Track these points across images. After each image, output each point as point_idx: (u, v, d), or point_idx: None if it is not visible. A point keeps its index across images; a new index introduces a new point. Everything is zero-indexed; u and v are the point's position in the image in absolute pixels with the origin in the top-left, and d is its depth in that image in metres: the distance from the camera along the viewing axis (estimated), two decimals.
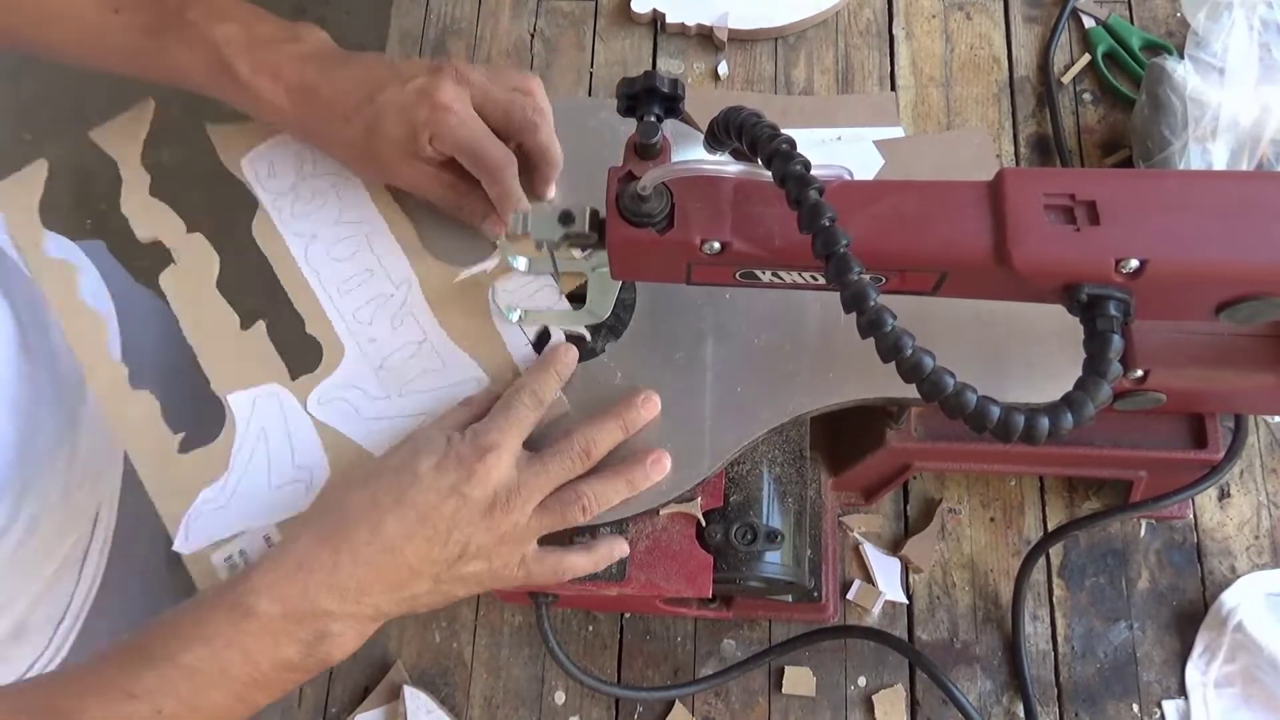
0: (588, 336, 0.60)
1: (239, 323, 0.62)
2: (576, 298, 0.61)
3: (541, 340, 0.61)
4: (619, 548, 0.58)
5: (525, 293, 0.62)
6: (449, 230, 0.63)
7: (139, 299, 0.82)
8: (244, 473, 0.58)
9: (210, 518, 0.58)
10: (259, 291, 0.63)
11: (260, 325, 0.62)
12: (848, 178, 0.49)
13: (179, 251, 0.64)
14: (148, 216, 0.65)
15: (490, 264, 0.63)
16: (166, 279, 0.63)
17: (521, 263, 0.63)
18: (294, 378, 0.61)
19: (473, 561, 0.52)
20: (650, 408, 0.57)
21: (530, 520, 0.53)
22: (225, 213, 0.70)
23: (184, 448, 0.59)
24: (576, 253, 0.62)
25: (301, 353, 0.62)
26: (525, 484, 0.52)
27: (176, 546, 0.57)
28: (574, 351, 0.59)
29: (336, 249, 0.63)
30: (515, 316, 0.61)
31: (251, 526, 0.57)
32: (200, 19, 0.59)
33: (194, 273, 0.63)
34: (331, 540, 0.50)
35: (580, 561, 0.57)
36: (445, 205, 0.62)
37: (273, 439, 0.59)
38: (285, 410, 0.60)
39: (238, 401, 0.60)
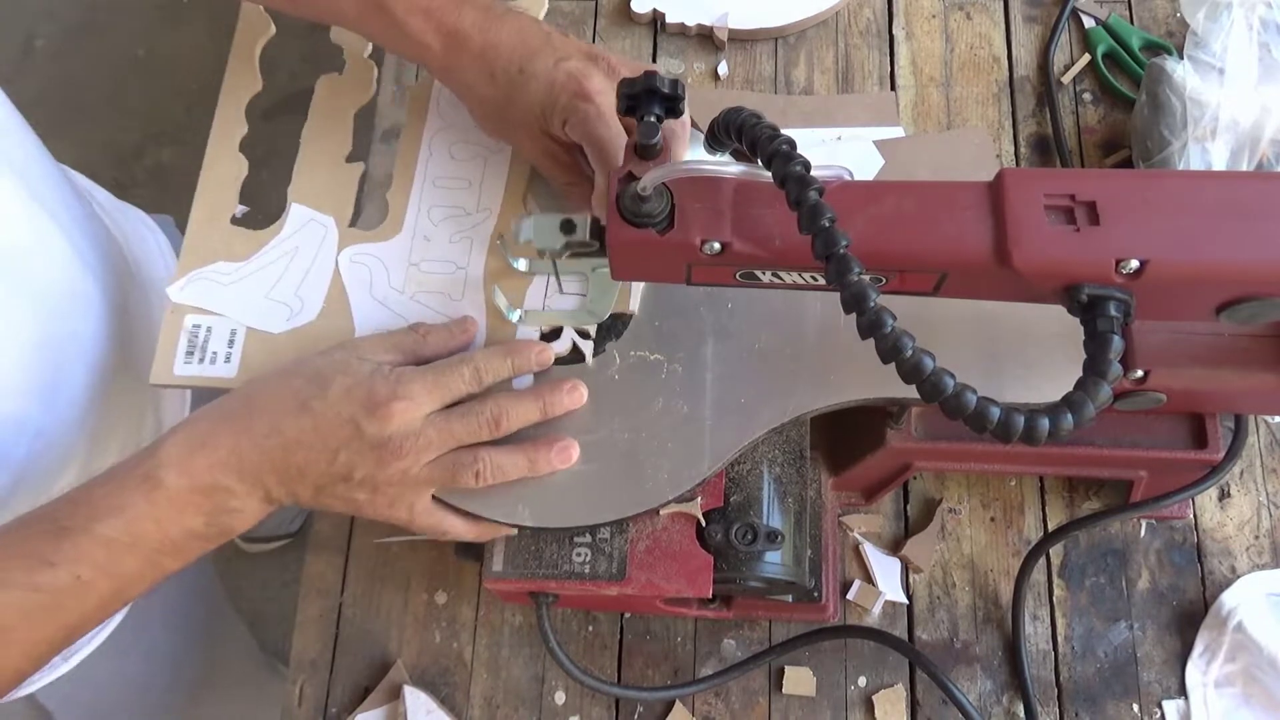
0: (587, 355, 0.60)
1: (347, 154, 0.66)
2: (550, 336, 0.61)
3: (544, 341, 0.61)
4: (505, 530, 0.59)
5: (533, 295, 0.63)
6: (556, 197, 0.65)
7: None
8: (258, 269, 0.64)
9: (209, 286, 0.63)
10: (377, 141, 0.73)
11: (359, 166, 0.68)
12: (848, 178, 0.49)
13: (349, 68, 0.70)
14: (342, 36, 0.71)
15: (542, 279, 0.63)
16: (324, 82, 0.70)
17: (522, 263, 0.63)
18: (350, 224, 0.66)
19: (357, 488, 0.53)
20: (575, 397, 0.58)
21: (421, 470, 0.54)
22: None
23: (236, 221, 0.64)
24: None
25: (372, 211, 0.67)
26: (423, 434, 0.53)
27: (169, 290, 0.62)
28: (546, 353, 0.58)
29: (458, 149, 0.67)
30: (515, 316, 0.61)
31: (230, 315, 0.62)
32: None
33: (348, 92, 0.69)
34: (236, 423, 0.52)
35: (461, 528, 0.57)
36: (554, 181, 0.63)
37: (297, 260, 0.64)
38: (323, 245, 0.64)
39: (297, 213, 0.66)
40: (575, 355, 0.60)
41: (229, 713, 1.06)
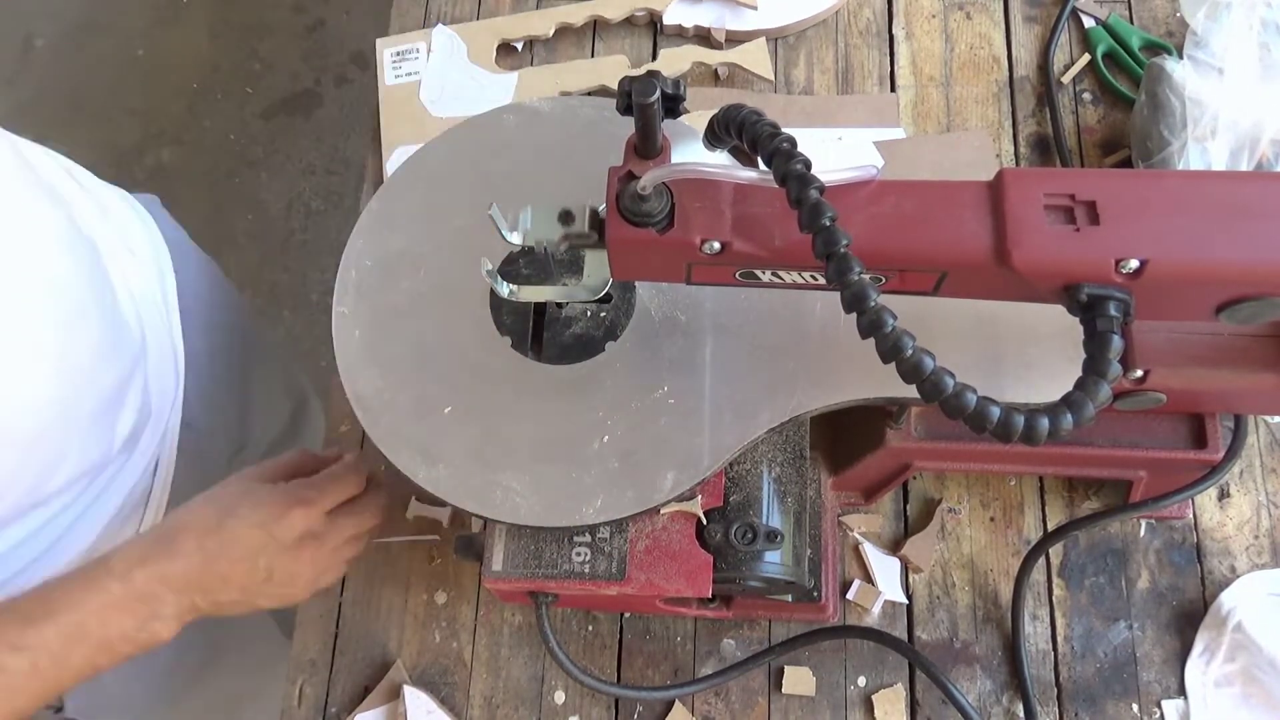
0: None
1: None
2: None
3: (539, 315, 0.61)
4: (381, 497, 0.67)
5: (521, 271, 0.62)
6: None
7: (189, 252, 0.89)
8: None
9: None
10: None
11: None
12: (875, 175, 0.48)
13: None
14: None
15: None
16: None
17: (515, 236, 0.62)
18: None
19: (276, 584, 0.62)
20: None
21: (343, 547, 0.64)
22: None
23: None
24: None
25: None
26: (328, 534, 0.63)
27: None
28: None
29: None
30: (507, 291, 0.60)
31: None
32: None
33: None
34: (170, 544, 0.59)
35: (350, 523, 0.65)
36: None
37: None
38: None
39: None
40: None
41: (238, 684, 1.06)
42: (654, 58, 0.87)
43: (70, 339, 0.66)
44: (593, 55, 0.88)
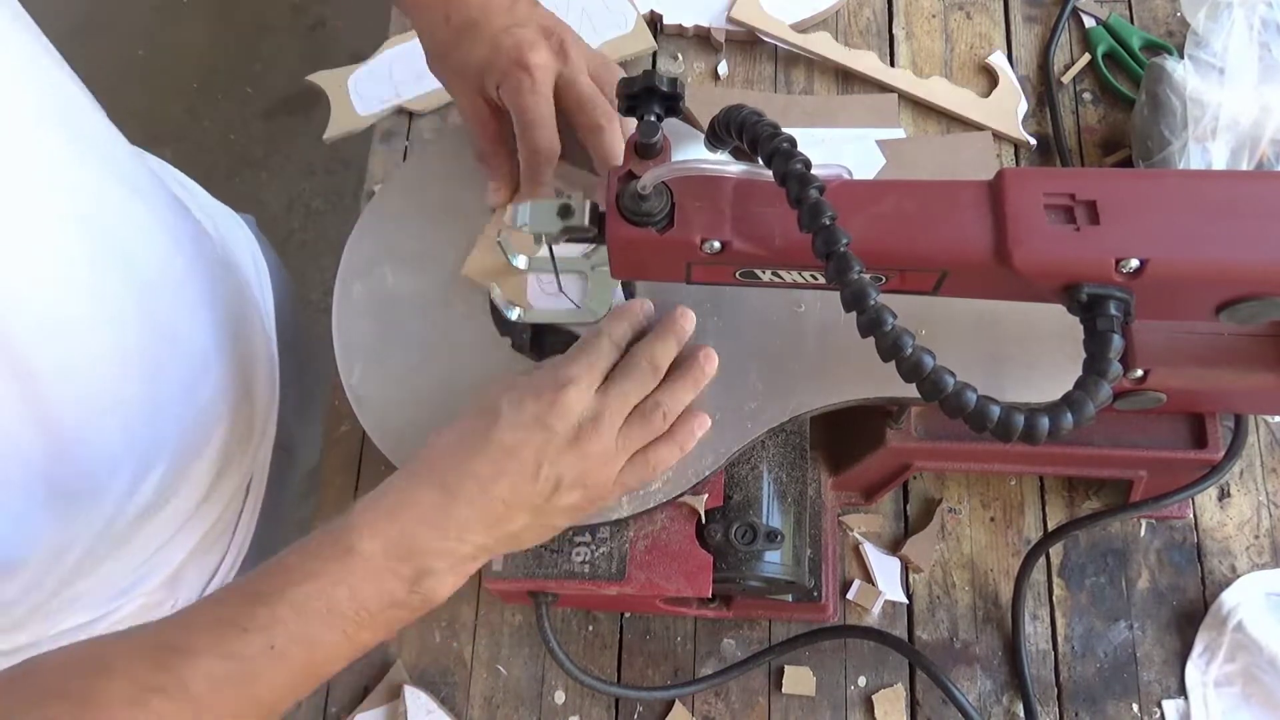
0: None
1: None
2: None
3: (538, 337, 0.61)
4: (699, 422, 0.56)
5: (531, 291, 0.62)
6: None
7: (278, 271, 0.87)
8: None
9: None
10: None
11: None
12: (847, 176, 0.49)
13: None
14: None
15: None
16: None
17: (521, 260, 0.63)
18: None
19: (568, 493, 0.52)
20: (688, 320, 0.57)
21: (618, 440, 0.53)
22: None
23: None
24: (576, 251, 0.62)
25: None
26: (608, 407, 0.52)
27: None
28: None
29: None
30: (515, 315, 0.61)
31: None
32: None
33: None
34: (425, 481, 0.50)
35: (665, 453, 0.55)
36: (474, 143, 0.63)
37: None
38: None
39: None
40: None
41: None
42: (654, 57, 0.87)
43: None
44: None
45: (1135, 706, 0.68)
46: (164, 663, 0.45)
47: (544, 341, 0.62)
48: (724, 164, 0.48)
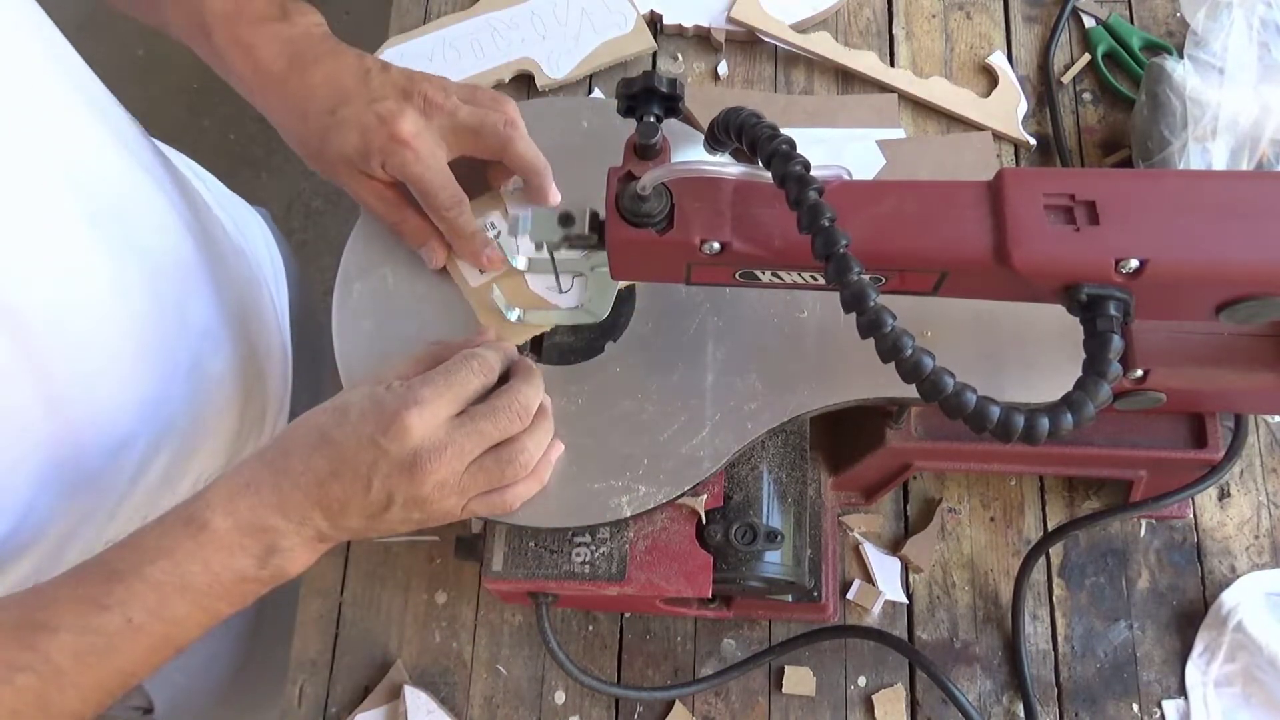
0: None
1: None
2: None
3: (538, 337, 0.61)
4: (556, 452, 0.57)
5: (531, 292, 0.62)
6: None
7: (292, 265, 0.88)
8: None
9: None
10: None
11: None
12: (846, 177, 0.49)
13: None
14: None
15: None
16: None
17: (521, 262, 0.63)
18: None
19: (404, 510, 0.52)
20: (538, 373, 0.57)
21: (463, 478, 0.52)
22: None
23: None
24: (575, 252, 0.62)
25: None
26: (456, 443, 0.51)
27: None
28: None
29: None
30: (514, 316, 0.61)
31: None
32: None
33: None
34: (274, 464, 0.51)
35: (523, 489, 0.55)
36: (384, 221, 0.63)
37: None
38: None
39: None
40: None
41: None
42: (653, 58, 0.87)
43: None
44: None
45: (1135, 706, 0.68)
46: (27, 641, 0.47)
47: (543, 339, 0.62)
48: (723, 165, 0.48)
